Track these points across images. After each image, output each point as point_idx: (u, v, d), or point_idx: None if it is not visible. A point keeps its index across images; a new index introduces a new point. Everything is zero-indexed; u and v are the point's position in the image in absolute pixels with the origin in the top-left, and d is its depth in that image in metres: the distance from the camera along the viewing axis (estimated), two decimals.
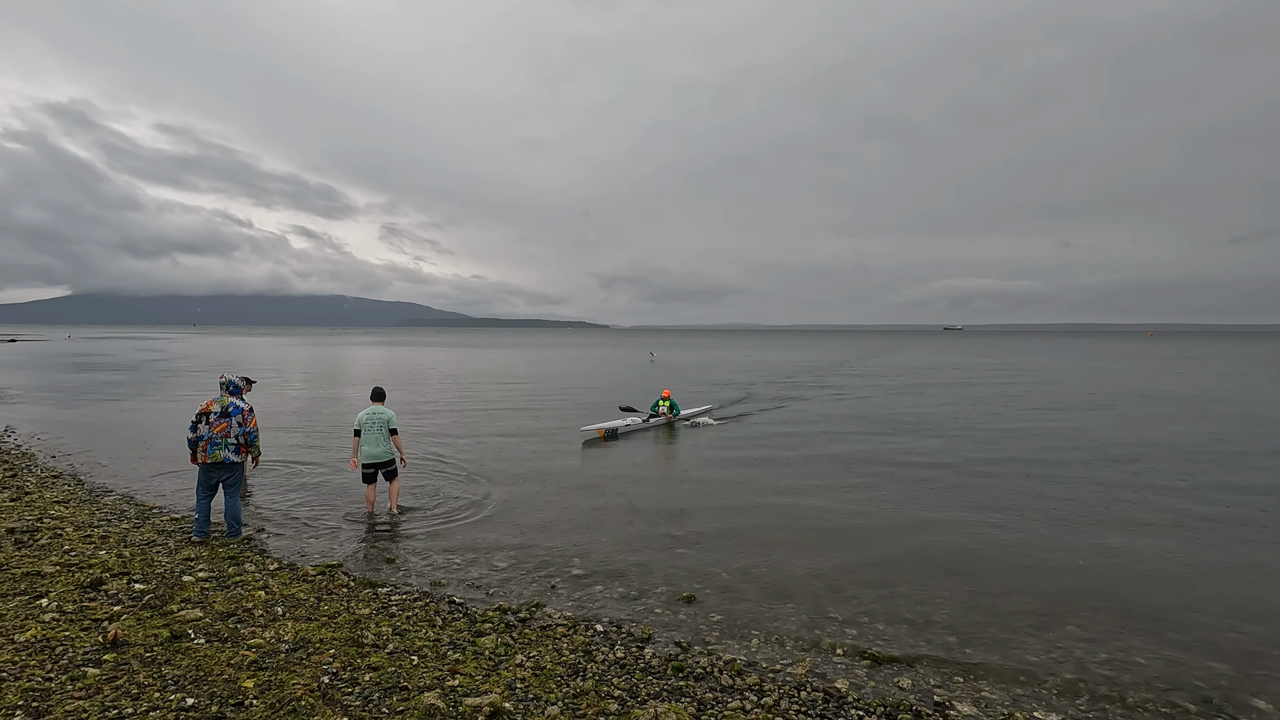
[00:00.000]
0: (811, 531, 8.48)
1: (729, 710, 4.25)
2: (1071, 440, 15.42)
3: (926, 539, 8.21)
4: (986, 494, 10.45)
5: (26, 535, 7.12)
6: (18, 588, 5.55)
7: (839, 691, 4.61)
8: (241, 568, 6.54)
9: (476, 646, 5.00)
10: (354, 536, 8.02)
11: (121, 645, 4.54)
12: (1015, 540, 8.17)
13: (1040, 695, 4.73)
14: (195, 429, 7.36)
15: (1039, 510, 9.51)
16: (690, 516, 9.06)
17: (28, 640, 4.54)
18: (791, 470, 12.20)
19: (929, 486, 10.93)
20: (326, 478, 11.08)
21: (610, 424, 15.85)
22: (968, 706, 4.52)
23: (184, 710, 3.77)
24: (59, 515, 8.16)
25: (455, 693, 4.21)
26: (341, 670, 4.42)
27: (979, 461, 12.98)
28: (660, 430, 16.89)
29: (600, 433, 15.22)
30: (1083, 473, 11.98)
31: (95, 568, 6.17)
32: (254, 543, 7.54)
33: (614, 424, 15.91)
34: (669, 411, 17.51)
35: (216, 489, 7.55)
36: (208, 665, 4.35)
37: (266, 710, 3.82)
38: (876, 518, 9.14)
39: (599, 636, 5.44)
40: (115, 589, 5.65)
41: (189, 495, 9.57)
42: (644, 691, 4.46)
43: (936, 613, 6.06)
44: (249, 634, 4.91)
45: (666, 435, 16.20)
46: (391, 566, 7.02)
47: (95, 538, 7.26)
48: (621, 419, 16.51)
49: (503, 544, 7.85)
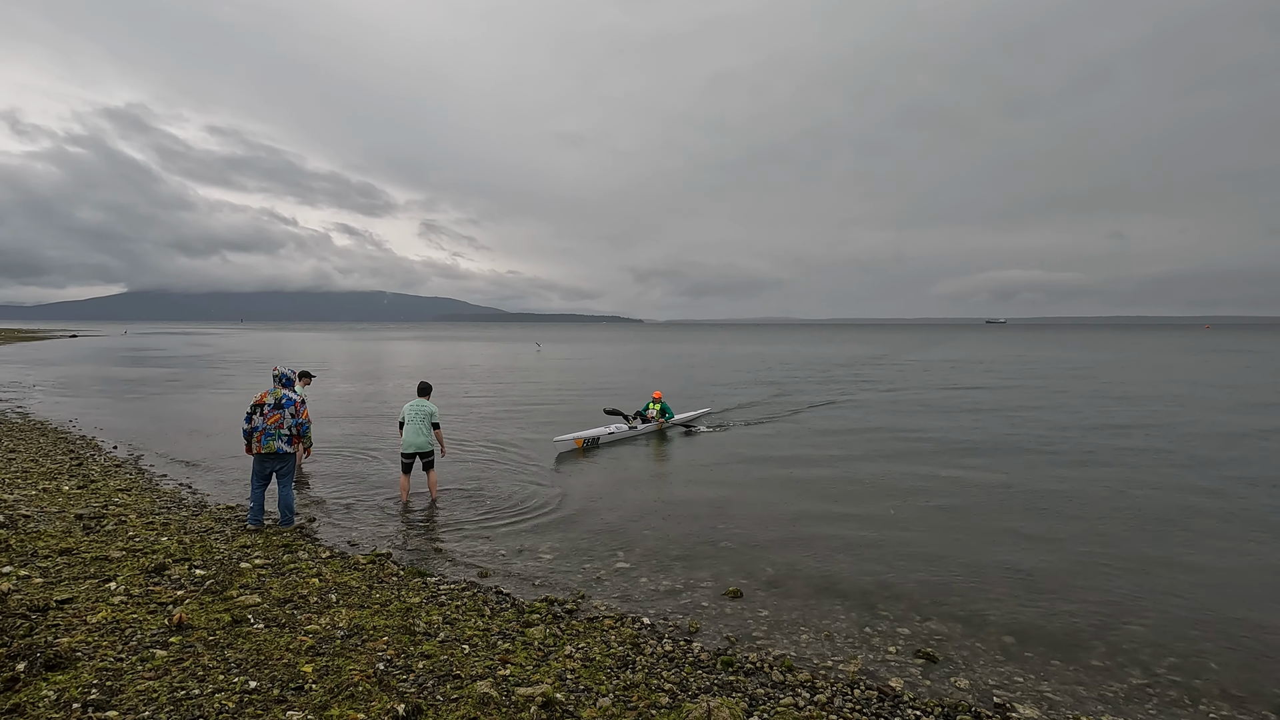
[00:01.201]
0: (856, 528, 8.32)
1: (781, 706, 4.19)
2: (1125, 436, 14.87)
3: (977, 536, 7.98)
4: (1038, 492, 10.13)
5: (94, 521, 7.41)
6: (88, 571, 5.77)
7: (894, 690, 4.51)
8: (295, 555, 6.71)
9: (525, 637, 5.03)
10: (400, 526, 8.16)
11: (186, 628, 4.68)
12: (1071, 538, 7.89)
13: (1106, 698, 4.56)
14: (250, 420, 7.56)
15: (1096, 509, 9.17)
16: (732, 512, 8.98)
17: (99, 621, 4.71)
18: (832, 468, 12.01)
19: (976, 484, 10.64)
20: (373, 468, 11.32)
21: (590, 432, 13.63)
22: (1029, 709, 4.37)
23: (247, 693, 3.86)
24: (122, 503, 8.48)
25: (507, 682, 4.23)
26: (395, 657, 4.48)
27: (1028, 458, 12.60)
28: (651, 438, 14.73)
29: (578, 443, 13.02)
30: (1144, 472, 11.53)
31: (158, 553, 6.38)
32: (305, 531, 7.73)
33: (594, 432, 13.73)
34: (660, 416, 15.45)
35: (270, 478, 7.75)
36: (268, 649, 4.46)
37: (325, 695, 3.89)
38: (922, 513, 8.94)
39: (646, 629, 5.42)
40: (178, 574, 5.83)
41: (242, 484, 9.86)
42: (694, 685, 4.42)
43: (991, 612, 5.88)
44: (305, 620, 5.02)
45: (657, 444, 14.12)
46: (439, 557, 7.11)
47: (157, 524, 7.52)
48: (604, 426, 14.44)
49: (547, 536, 7.90)
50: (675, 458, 12.79)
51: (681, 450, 13.49)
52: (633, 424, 14.77)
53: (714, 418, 17.50)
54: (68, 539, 6.65)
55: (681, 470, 11.65)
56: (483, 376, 31.80)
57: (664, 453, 13.22)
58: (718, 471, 11.52)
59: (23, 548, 6.25)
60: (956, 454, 12.95)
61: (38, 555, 6.09)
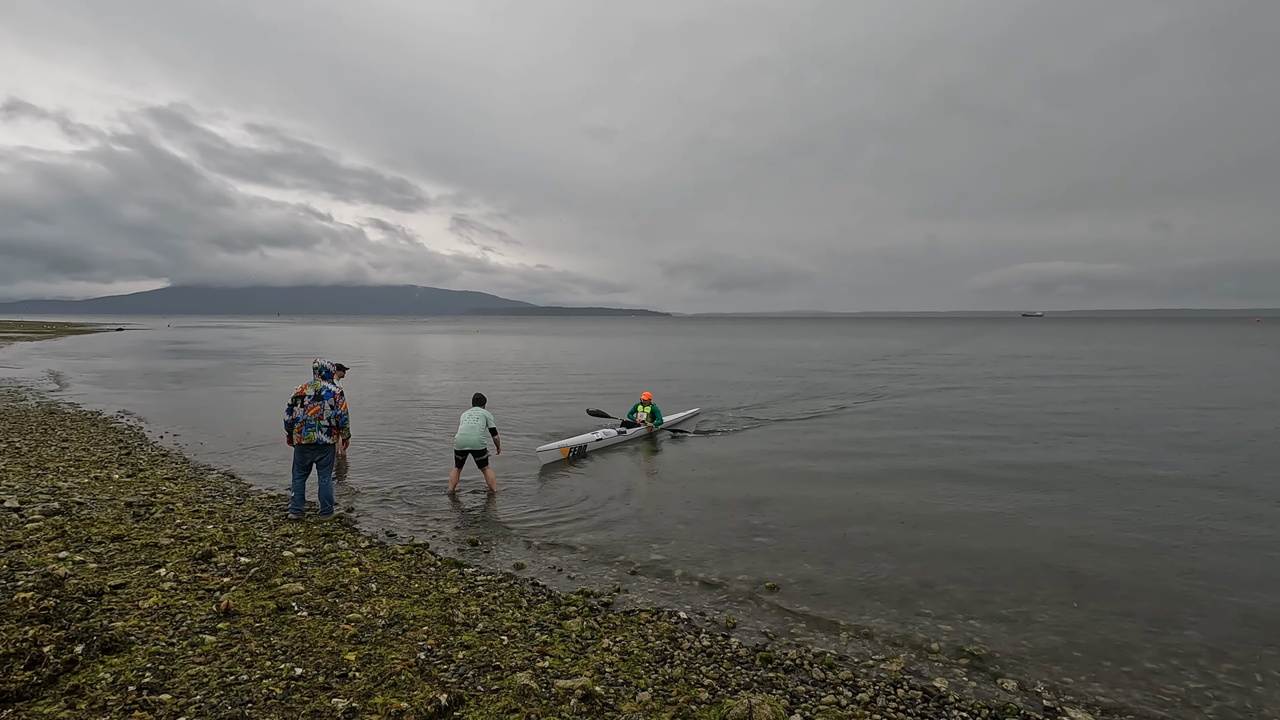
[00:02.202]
0: (895, 524, 8.18)
1: (824, 705, 4.12)
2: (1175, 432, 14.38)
3: (1020, 534, 7.79)
4: (1083, 490, 9.85)
5: (143, 509, 7.63)
6: (138, 557, 5.94)
7: (939, 691, 4.41)
8: (335, 544, 6.82)
9: (563, 629, 5.04)
10: (437, 517, 8.26)
11: (233, 615, 4.78)
12: (1118, 538, 7.65)
13: (1162, 701, 4.40)
14: (291, 411, 7.71)
15: (1144, 508, 8.89)
16: (768, 506, 8.89)
17: (150, 607, 4.84)
18: (868, 464, 11.85)
19: (1017, 481, 10.39)
20: (409, 460, 11.49)
21: (576, 440, 12.25)
22: (1081, 713, 4.24)
23: (294, 679, 3.93)
24: (170, 491, 8.72)
25: (546, 674, 4.24)
26: (436, 647, 4.52)
27: (1072, 456, 12.26)
28: (640, 445, 13.36)
29: (564, 452, 11.62)
30: (1198, 472, 11.14)
31: (205, 541, 6.54)
32: (345, 521, 7.86)
33: (581, 440, 12.32)
34: (650, 419, 14.14)
35: (311, 469, 7.90)
36: (311, 637, 4.53)
37: (369, 683, 3.94)
38: (963, 511, 8.75)
39: (683, 624, 5.39)
40: (224, 561, 5.97)
41: (283, 474, 10.07)
42: (734, 681, 4.38)
43: (1038, 612, 5.73)
44: (347, 608, 5.09)
45: (648, 450, 12.90)
46: (475, 548, 7.17)
47: (203, 513, 7.71)
48: (592, 432, 13.03)
49: (582, 529, 7.92)
50: (707, 455, 12.70)
51: (713, 448, 13.39)
52: (621, 430, 13.40)
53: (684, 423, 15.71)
54: (119, 526, 6.86)
55: (714, 467, 11.58)
56: (514, 370, 32.06)
57: (695, 450, 13.14)
58: (751, 468, 11.42)
59: (77, 534, 6.46)
60: (997, 451, 12.67)
61: (91, 541, 6.28)
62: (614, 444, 13.00)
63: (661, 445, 13.32)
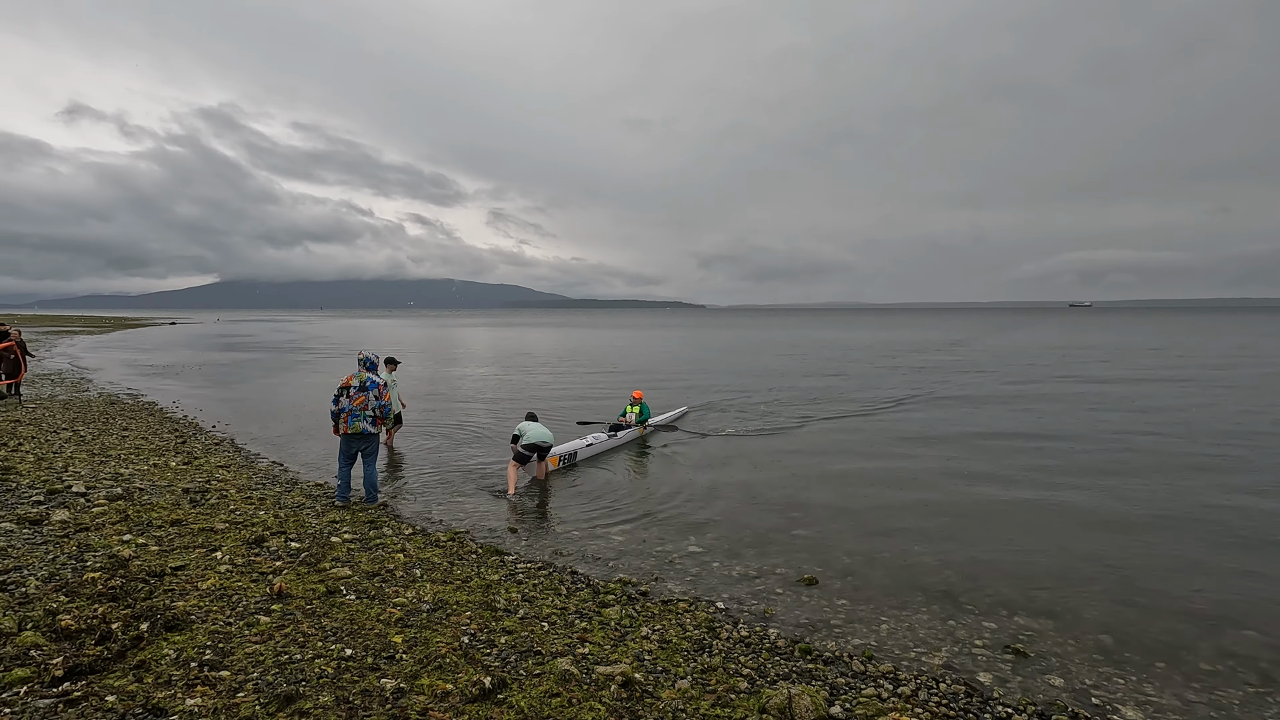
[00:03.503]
0: (936, 518, 8.05)
1: (863, 697, 4.10)
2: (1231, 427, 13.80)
3: (1069, 531, 7.60)
4: (1134, 486, 9.54)
5: (199, 495, 7.95)
6: (196, 541, 6.20)
7: (983, 685, 4.35)
8: (380, 531, 7.01)
9: (602, 617, 5.10)
10: (476, 505, 8.41)
11: (285, 597, 4.96)
12: (1172, 536, 7.41)
13: (1219, 704, 4.26)
14: (337, 402, 7.92)
15: (1201, 504, 8.57)
16: (806, 501, 8.81)
17: (209, 588, 5.05)
18: (909, 459, 11.66)
19: (1066, 477, 10.12)
20: (449, 449, 11.71)
21: (565, 447, 11.18)
22: (1133, 711, 4.13)
23: (344, 659, 4.07)
24: (223, 478, 9.05)
25: (586, 660, 4.31)
26: (479, 632, 4.63)
27: (1125, 452, 11.88)
28: (631, 449, 12.41)
29: (553, 461, 10.62)
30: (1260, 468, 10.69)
31: (257, 526, 6.79)
32: (389, 508, 8.07)
33: (569, 447, 11.26)
34: (638, 421, 13.12)
35: (356, 457, 8.11)
36: (360, 620, 4.68)
37: (415, 665, 4.05)
38: (1008, 505, 8.57)
39: (721, 613, 5.41)
40: (275, 546, 6.19)
41: (330, 463, 10.37)
42: (773, 671, 4.38)
43: (1087, 609, 5.58)
44: (393, 593, 5.24)
45: (636, 454, 12.00)
46: (514, 536, 7.29)
47: (255, 499, 7.99)
48: (582, 439, 11.99)
49: (619, 519, 7.97)
50: (745, 448, 12.65)
51: (748, 444, 13.32)
52: (611, 433, 12.48)
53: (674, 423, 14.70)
54: (177, 511, 7.16)
55: (752, 460, 11.52)
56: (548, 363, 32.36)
57: (731, 446, 13.08)
58: (788, 464, 11.33)
59: (139, 518, 6.76)
60: (1045, 445, 12.35)
61: (152, 525, 6.58)
62: (606, 449, 11.98)
63: (694, 442, 13.07)
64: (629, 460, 11.20)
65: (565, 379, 24.41)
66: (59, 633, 4.08)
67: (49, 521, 6.42)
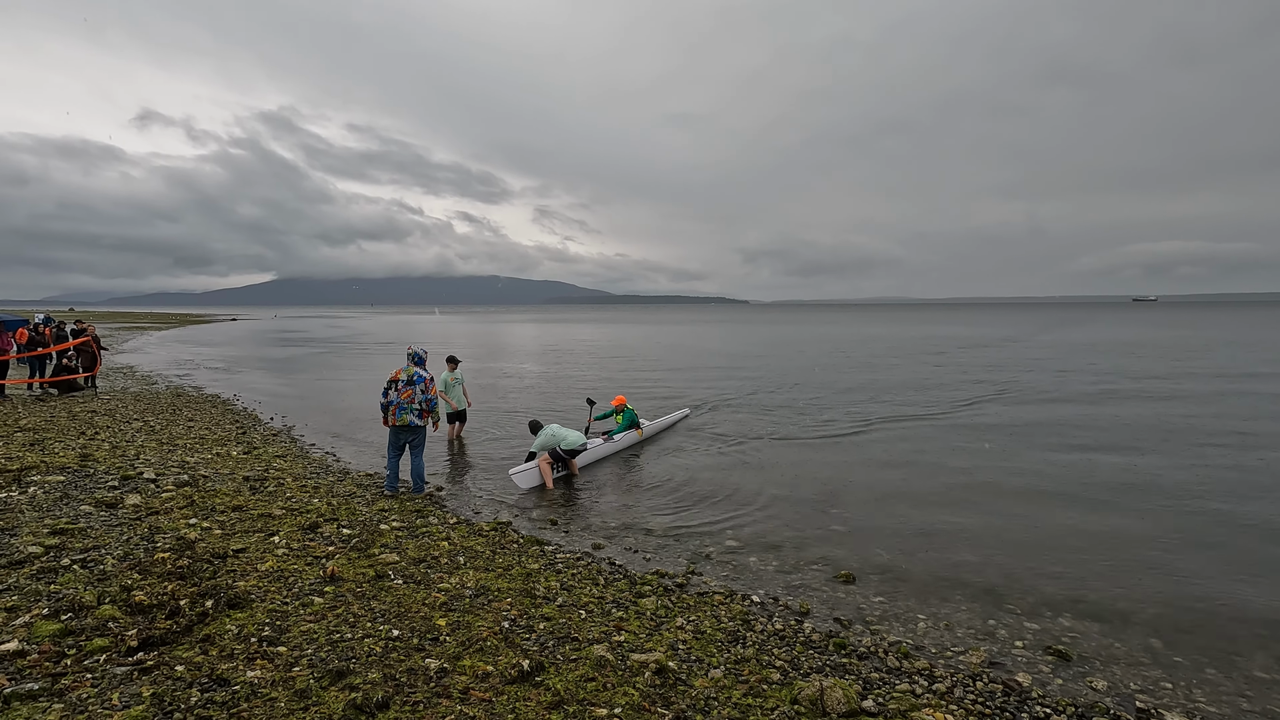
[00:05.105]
0: (978, 517, 7.90)
1: (897, 692, 4.10)
2: None
3: (1120, 534, 7.36)
4: (1192, 490, 9.17)
5: (258, 483, 8.36)
6: (255, 526, 6.54)
7: (1021, 685, 4.29)
8: (426, 520, 7.26)
9: (638, 607, 5.21)
10: (518, 498, 8.63)
11: (337, 580, 5.22)
12: (1229, 541, 7.11)
13: (1273, 713, 4.11)
14: (386, 395, 8.22)
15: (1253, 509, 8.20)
16: (845, 498, 8.75)
17: (267, 570, 5.35)
18: (953, 458, 11.44)
19: (1117, 480, 9.78)
20: (494, 442, 11.99)
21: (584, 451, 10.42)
22: (1179, 717, 4.02)
23: (391, 640, 4.27)
24: (280, 468, 9.49)
25: (622, 648, 4.42)
26: (519, 618, 4.79)
27: (1181, 454, 11.41)
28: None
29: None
30: None
31: (311, 513, 7.12)
32: (435, 498, 8.34)
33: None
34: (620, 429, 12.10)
35: (404, 449, 8.41)
36: (407, 603, 4.89)
37: (458, 647, 4.23)
38: (1053, 506, 8.35)
39: (756, 607, 5.45)
40: (328, 532, 6.49)
41: (379, 453, 10.75)
42: (806, 664, 4.42)
43: (1136, 612, 5.44)
44: (438, 579, 5.45)
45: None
46: (554, 527, 7.46)
47: (309, 487, 8.37)
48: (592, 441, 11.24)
49: (657, 513, 8.07)
50: (786, 446, 12.60)
51: (791, 440, 13.27)
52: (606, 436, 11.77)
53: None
54: (238, 497, 7.56)
55: (792, 458, 11.48)
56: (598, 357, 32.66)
57: (773, 442, 13.04)
58: (830, 459, 11.26)
59: (203, 503, 7.17)
60: (1094, 445, 11.94)
61: (215, 510, 6.97)
62: (604, 455, 11.28)
63: (734, 440, 13.04)
64: (668, 457, 11.28)
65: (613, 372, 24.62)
66: (133, 607, 4.39)
67: (123, 505, 6.86)
